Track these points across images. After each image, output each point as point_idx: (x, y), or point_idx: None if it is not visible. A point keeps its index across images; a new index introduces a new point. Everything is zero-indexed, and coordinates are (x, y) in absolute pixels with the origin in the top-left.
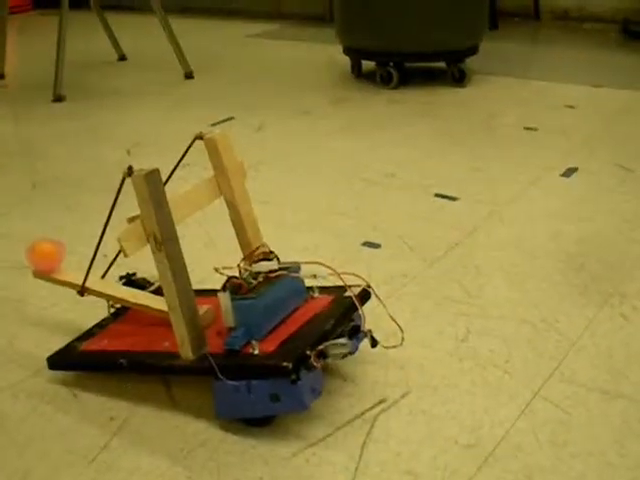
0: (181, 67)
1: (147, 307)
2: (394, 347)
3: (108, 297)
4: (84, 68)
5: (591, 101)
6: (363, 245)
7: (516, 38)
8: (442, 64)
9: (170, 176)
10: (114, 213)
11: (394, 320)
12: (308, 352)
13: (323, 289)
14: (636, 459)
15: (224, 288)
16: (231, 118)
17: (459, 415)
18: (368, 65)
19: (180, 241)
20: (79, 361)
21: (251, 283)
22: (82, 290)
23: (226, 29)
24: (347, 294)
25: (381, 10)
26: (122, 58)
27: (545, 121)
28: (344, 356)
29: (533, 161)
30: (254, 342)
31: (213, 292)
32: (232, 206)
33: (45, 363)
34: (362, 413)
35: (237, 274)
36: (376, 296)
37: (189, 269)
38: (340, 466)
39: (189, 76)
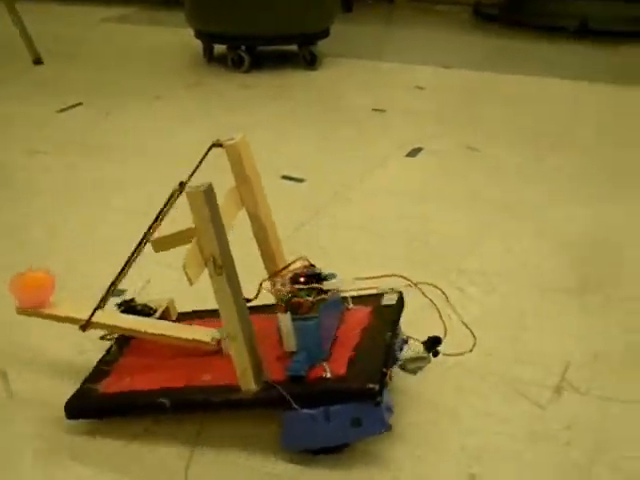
0: (28, 53)
1: (173, 337)
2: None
3: (120, 330)
4: None
5: (440, 82)
6: None
7: (370, 20)
8: (294, 47)
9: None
10: None
11: (467, 326)
12: (385, 370)
13: (355, 299)
14: (469, 426)
15: (285, 309)
16: (79, 104)
17: None
18: (221, 49)
19: None
20: (105, 406)
21: (307, 301)
22: (86, 325)
23: (81, 14)
24: (386, 302)
25: None
26: None
27: (394, 102)
28: (419, 370)
29: (380, 142)
30: (325, 365)
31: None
32: (255, 218)
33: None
34: None
35: (273, 290)
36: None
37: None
38: (174, 455)
39: (38, 62)
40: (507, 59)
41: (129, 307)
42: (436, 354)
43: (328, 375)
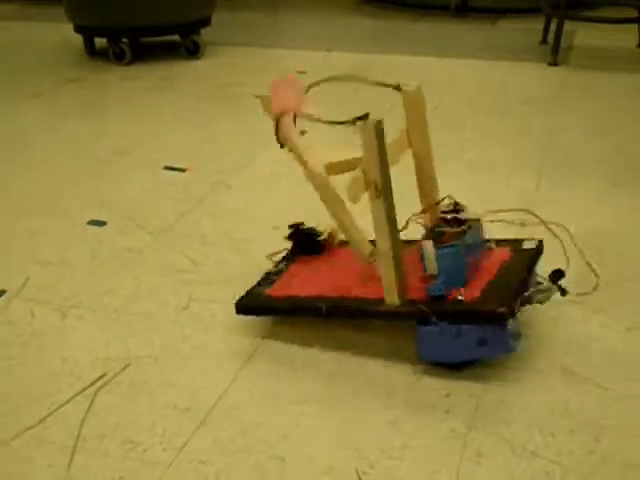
0: None
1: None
2: (585, 294)
3: (300, 161)
4: None
5: (322, 66)
6: (89, 224)
7: (253, 7)
8: (177, 37)
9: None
10: None
11: (590, 266)
12: (515, 299)
13: (498, 242)
14: (346, 403)
15: (428, 236)
16: None
17: (178, 381)
18: (103, 42)
19: None
20: (270, 305)
21: (450, 233)
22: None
23: None
24: (526, 246)
25: None
26: None
27: None
28: (546, 299)
29: (262, 129)
30: (460, 288)
31: (414, 241)
32: (419, 159)
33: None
34: (82, 390)
35: (427, 223)
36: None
37: None
38: (58, 444)
39: None
40: (389, 40)
41: (297, 229)
42: (564, 293)
43: (461, 298)
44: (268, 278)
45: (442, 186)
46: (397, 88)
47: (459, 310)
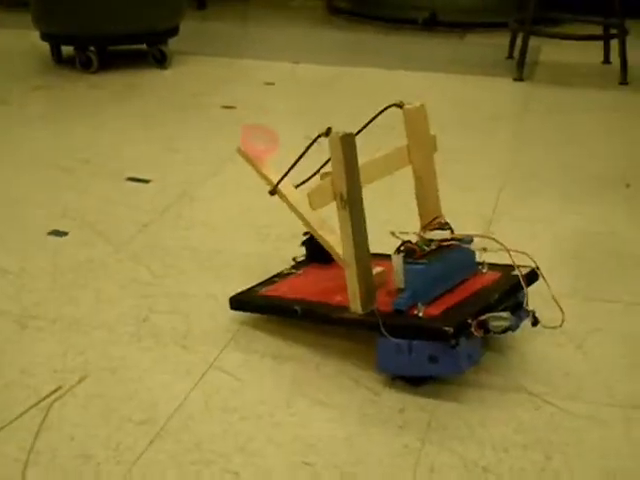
0: None
1: (323, 239)
2: (554, 328)
3: (292, 208)
4: None
5: (290, 77)
6: (49, 234)
7: (224, 17)
8: (144, 46)
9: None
10: None
11: (557, 302)
12: (470, 320)
13: (493, 266)
14: (302, 416)
15: (398, 250)
16: None
17: (136, 394)
18: (70, 50)
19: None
20: (258, 304)
21: (424, 249)
22: (273, 190)
23: None
24: (514, 273)
25: None
26: None
27: (244, 99)
28: (504, 330)
29: (228, 139)
30: (420, 305)
31: (388, 257)
32: (419, 176)
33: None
34: (37, 402)
35: (413, 240)
36: (543, 278)
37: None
38: (11, 458)
39: None
40: (357, 53)
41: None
42: (535, 324)
43: (420, 314)
44: (272, 279)
45: (401, 200)
46: (398, 106)
47: (408, 325)
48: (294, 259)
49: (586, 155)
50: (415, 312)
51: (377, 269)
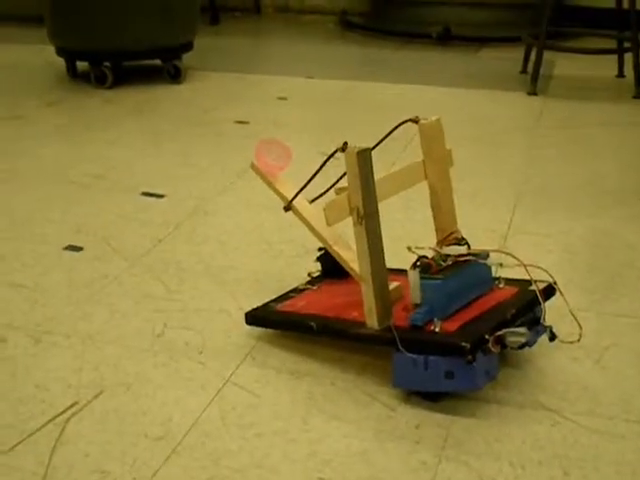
0: None
1: (338, 254)
2: (571, 342)
3: (306, 224)
4: None
5: (303, 92)
6: (65, 249)
7: (237, 32)
8: (159, 61)
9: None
10: None
11: (574, 317)
12: (487, 336)
13: (509, 281)
14: (318, 432)
15: (415, 266)
16: None
17: (150, 410)
18: (85, 66)
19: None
20: (274, 319)
21: (441, 265)
22: (288, 206)
23: None
24: (532, 287)
25: (91, 9)
26: None
27: (257, 114)
28: (521, 346)
29: (241, 154)
30: (436, 320)
31: (404, 272)
32: (435, 191)
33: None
34: (54, 418)
35: (429, 255)
36: (560, 293)
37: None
38: (28, 472)
39: None
40: (371, 67)
41: (326, 252)
42: (552, 339)
43: (437, 329)
44: (287, 294)
45: (418, 215)
46: (414, 121)
47: (425, 341)
48: (309, 274)
49: (600, 169)
50: (432, 327)
51: (393, 284)
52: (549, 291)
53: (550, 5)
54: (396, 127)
